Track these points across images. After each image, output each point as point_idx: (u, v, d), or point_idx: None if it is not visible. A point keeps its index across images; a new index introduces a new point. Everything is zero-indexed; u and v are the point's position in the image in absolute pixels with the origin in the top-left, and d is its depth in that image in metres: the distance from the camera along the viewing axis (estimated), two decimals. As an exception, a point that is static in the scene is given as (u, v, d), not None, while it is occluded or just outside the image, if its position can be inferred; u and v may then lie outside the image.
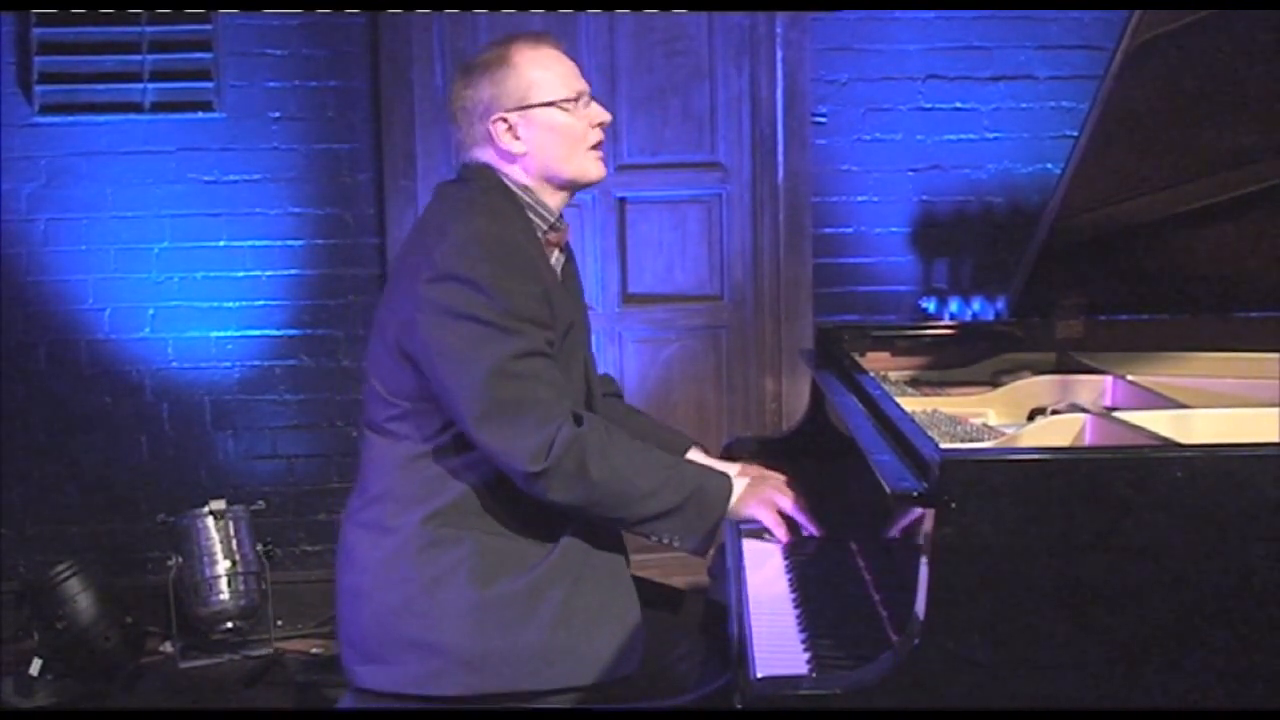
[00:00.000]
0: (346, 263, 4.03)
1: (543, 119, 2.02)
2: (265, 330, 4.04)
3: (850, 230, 4.17)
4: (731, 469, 2.14)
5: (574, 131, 2.04)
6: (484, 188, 2.04)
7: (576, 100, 2.05)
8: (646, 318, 4.23)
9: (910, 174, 4.16)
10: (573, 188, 2.09)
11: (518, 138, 2.03)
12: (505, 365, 1.88)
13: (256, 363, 4.05)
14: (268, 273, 4.02)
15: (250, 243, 4.00)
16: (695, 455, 2.32)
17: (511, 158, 2.04)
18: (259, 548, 3.72)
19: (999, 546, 1.41)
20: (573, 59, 2.08)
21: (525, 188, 2.06)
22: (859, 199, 4.16)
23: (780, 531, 2.05)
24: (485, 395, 1.88)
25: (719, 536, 2.02)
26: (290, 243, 4.01)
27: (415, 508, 1.97)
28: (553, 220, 2.07)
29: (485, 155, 2.07)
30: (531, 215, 2.05)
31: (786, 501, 2.06)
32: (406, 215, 3.99)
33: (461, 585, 1.92)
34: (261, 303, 4.03)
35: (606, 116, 2.08)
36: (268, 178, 3.98)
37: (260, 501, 3.88)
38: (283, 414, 4.08)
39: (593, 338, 2.24)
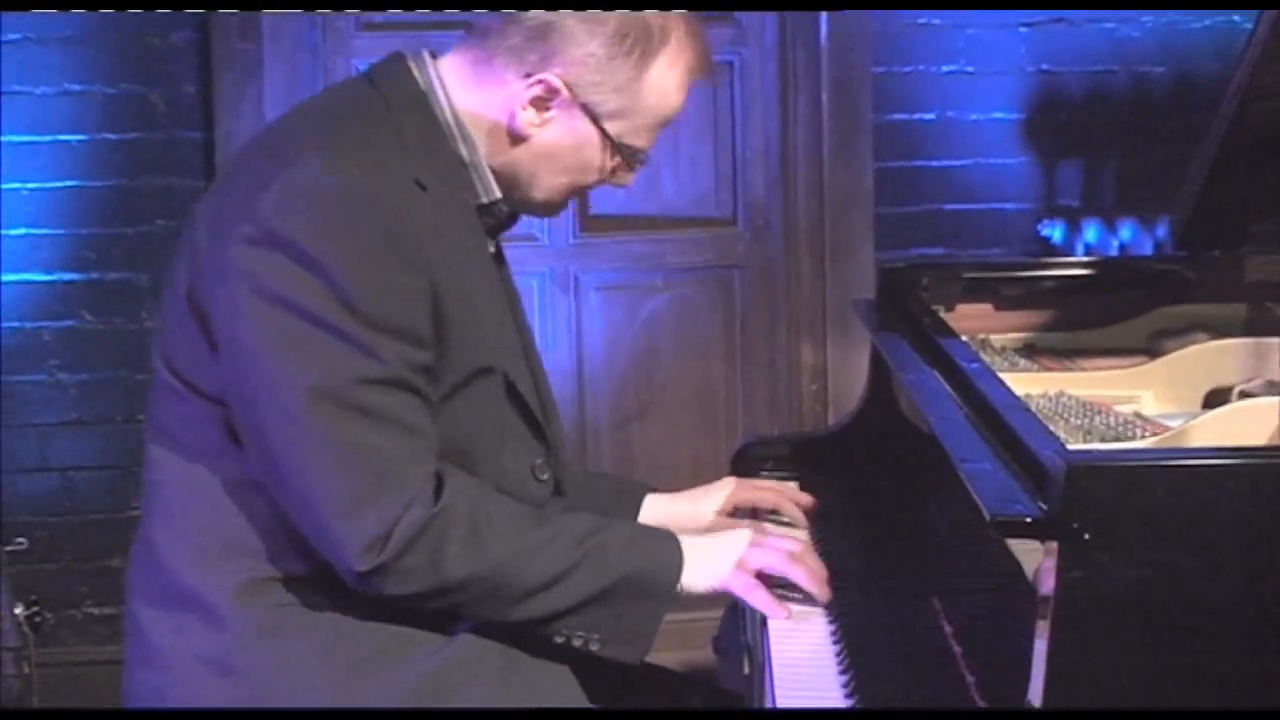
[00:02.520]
0: (154, 169, 4.03)
1: (583, 133, 2.05)
2: (28, 274, 4.04)
3: (931, 117, 4.18)
4: (739, 537, 2.11)
5: (586, 169, 2.09)
6: (397, 106, 2.02)
7: (630, 152, 2.09)
8: (618, 252, 4.23)
9: (1022, 30, 4.17)
10: (509, 202, 2.12)
11: (541, 120, 2.04)
12: (340, 393, 1.85)
13: (15, 324, 4.04)
14: (31, 185, 4.01)
15: (6, 138, 3.99)
16: (651, 505, 2.39)
17: (514, 133, 2.05)
18: (19, 611, 3.72)
19: (1156, 596, 1.43)
20: None
21: (475, 145, 2.06)
22: (945, 70, 4.17)
23: (764, 605, 2.04)
24: (300, 434, 1.85)
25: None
26: (67, 138, 4.01)
27: (227, 566, 1.96)
28: (491, 200, 2.09)
29: (463, 81, 2.06)
30: (474, 177, 2.06)
31: (771, 555, 2.06)
32: (246, 97, 3.98)
33: (318, 677, 1.93)
34: (22, 232, 4.03)
35: (626, 181, 2.14)
36: (32, 39, 3.97)
37: (21, 539, 3.88)
38: (56, 403, 4.08)
39: (546, 373, 2.25)
